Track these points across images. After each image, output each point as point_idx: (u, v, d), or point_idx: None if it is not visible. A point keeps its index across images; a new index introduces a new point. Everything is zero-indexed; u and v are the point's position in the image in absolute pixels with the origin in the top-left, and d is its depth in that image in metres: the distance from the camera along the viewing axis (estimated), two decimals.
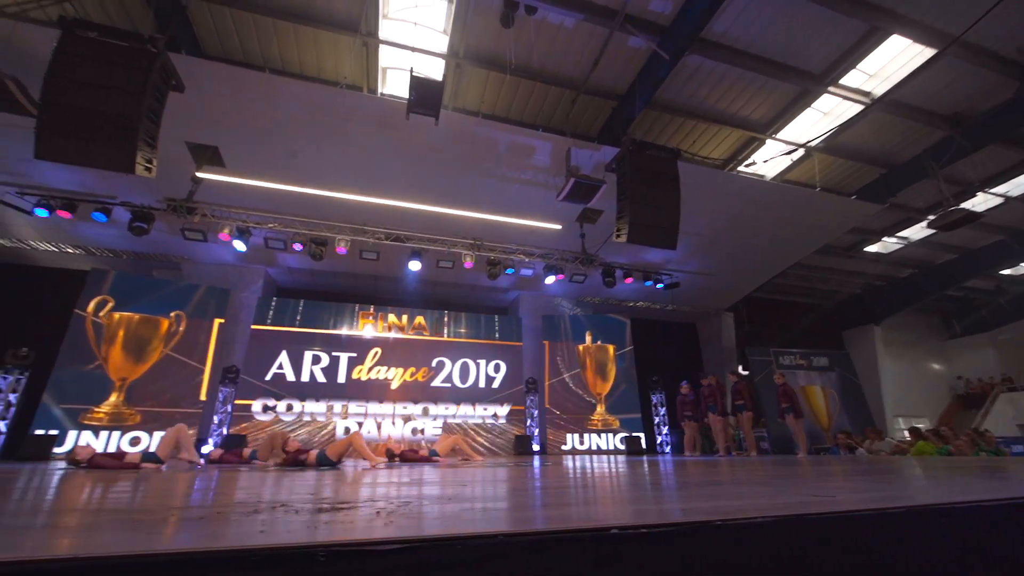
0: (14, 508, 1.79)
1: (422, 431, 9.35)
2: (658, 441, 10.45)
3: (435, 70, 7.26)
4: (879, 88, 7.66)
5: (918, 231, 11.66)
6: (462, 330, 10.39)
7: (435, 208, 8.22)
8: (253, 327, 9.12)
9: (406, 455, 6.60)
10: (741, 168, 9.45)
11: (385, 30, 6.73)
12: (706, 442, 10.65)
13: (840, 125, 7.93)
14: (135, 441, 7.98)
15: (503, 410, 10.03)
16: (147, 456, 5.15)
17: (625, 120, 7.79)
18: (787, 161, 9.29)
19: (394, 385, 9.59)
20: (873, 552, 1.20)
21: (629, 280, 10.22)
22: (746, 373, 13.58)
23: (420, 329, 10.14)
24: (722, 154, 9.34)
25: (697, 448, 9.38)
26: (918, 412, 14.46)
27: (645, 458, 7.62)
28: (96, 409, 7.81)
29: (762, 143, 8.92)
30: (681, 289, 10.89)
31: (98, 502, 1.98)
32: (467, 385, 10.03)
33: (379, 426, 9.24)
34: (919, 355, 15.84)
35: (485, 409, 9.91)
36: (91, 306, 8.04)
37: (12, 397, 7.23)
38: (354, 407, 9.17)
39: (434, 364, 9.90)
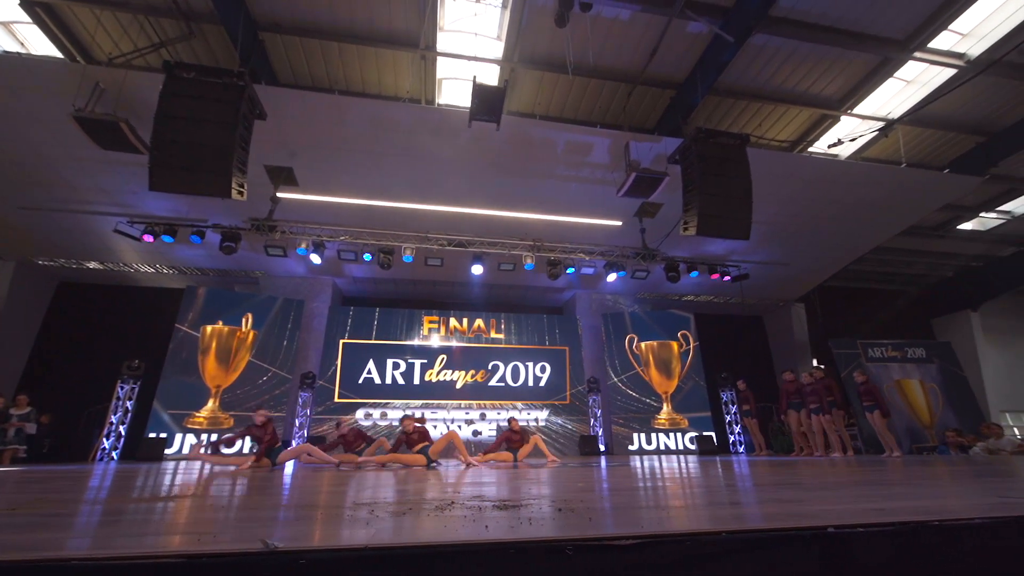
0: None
1: (480, 432, 9.75)
2: (731, 440, 9.99)
3: (491, 76, 7.37)
4: (975, 48, 6.91)
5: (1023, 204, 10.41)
6: (513, 335, 10.71)
7: (496, 212, 8.34)
8: (343, 340, 9.97)
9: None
10: (814, 149, 8.86)
11: (442, 42, 6.91)
12: (782, 440, 10.06)
13: (931, 93, 7.23)
14: (229, 444, 8.69)
15: (543, 413, 10.14)
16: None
17: (686, 108, 7.53)
18: (864, 138, 8.60)
19: (458, 385, 10.04)
20: None
21: (694, 274, 9.86)
22: (822, 367, 12.70)
23: (479, 332, 10.49)
24: (790, 135, 8.80)
25: (761, 448, 8.94)
26: None
27: (718, 458, 7.32)
28: (196, 414, 8.58)
29: (836, 120, 8.32)
30: (746, 280, 10.38)
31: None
32: (518, 385, 10.35)
33: (447, 428, 9.60)
34: None
35: (528, 413, 10.08)
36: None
37: (129, 404, 8.09)
38: (429, 413, 9.74)
39: (490, 367, 10.34)
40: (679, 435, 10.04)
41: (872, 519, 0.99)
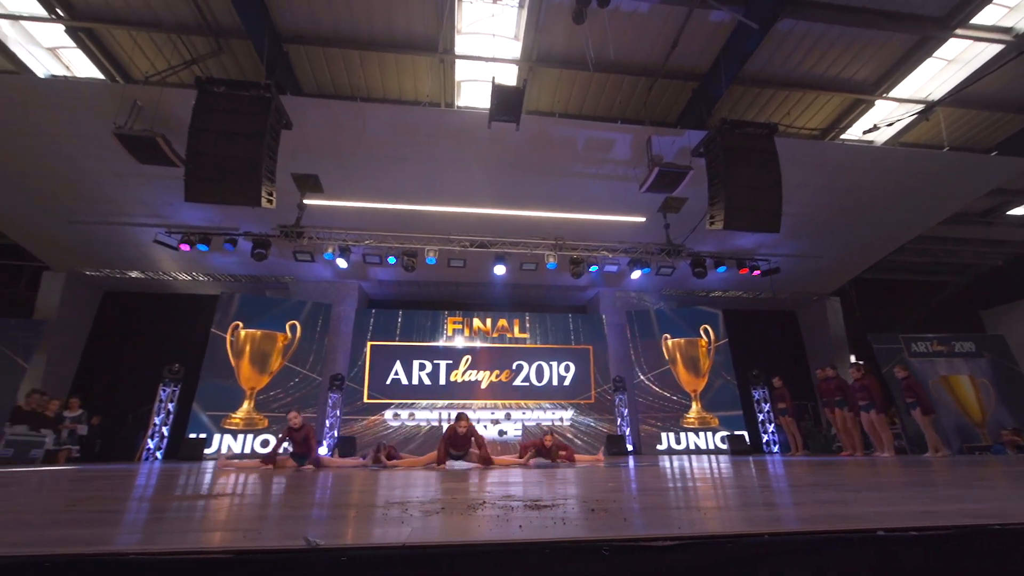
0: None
1: (505, 432, 9.77)
2: (764, 440, 9.69)
3: (509, 76, 7.37)
4: None
5: None
6: (537, 335, 10.67)
7: (517, 212, 8.34)
8: (371, 343, 10.16)
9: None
10: (847, 136, 8.50)
11: (460, 45, 6.96)
12: (818, 439, 9.71)
13: (975, 71, 6.82)
14: (264, 444, 8.99)
15: (568, 413, 10.06)
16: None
17: (709, 100, 7.35)
18: (901, 122, 8.19)
19: (483, 385, 10.09)
20: None
21: (722, 269, 9.61)
22: (860, 363, 12.17)
23: (503, 331, 10.50)
24: (820, 123, 8.47)
25: (798, 448, 8.66)
26: None
27: (752, 458, 7.11)
28: (233, 415, 8.92)
29: (870, 105, 7.96)
30: (777, 274, 10.03)
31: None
32: (542, 385, 10.30)
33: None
34: None
35: (554, 412, 10.01)
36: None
37: (171, 406, 8.48)
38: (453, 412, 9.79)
39: (514, 367, 10.33)
40: (709, 434, 9.80)
41: (926, 522, 0.94)
